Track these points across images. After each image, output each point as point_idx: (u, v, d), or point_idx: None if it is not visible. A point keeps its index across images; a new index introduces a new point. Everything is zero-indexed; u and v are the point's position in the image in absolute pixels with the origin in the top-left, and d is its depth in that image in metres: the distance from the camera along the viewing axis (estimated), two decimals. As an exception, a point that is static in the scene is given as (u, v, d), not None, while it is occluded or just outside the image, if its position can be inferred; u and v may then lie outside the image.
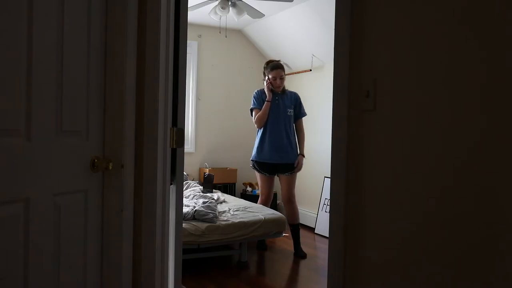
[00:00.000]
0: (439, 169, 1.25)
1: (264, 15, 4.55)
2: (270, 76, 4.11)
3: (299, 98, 4.24)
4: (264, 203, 4.25)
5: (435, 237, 1.26)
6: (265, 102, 4.09)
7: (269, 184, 4.22)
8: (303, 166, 4.21)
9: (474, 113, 1.17)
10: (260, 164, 4.14)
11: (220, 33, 5.29)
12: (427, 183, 1.28)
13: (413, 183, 1.32)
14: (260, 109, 4.11)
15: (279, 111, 4.09)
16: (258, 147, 4.15)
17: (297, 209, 4.17)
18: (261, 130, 4.15)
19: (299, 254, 4.06)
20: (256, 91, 4.27)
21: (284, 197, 4.17)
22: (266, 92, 4.12)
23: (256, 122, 4.15)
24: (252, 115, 4.23)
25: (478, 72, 1.16)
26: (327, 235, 1.70)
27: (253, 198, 5.30)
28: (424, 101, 1.29)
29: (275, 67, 4.14)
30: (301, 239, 4.31)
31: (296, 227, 4.13)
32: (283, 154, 4.06)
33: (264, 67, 4.24)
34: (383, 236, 1.42)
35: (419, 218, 1.30)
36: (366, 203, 1.48)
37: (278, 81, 4.09)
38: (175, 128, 1.94)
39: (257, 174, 4.23)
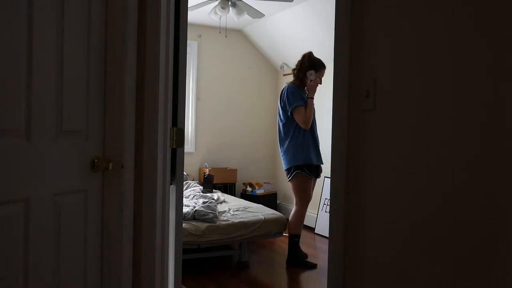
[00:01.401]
0: (439, 169, 1.25)
1: (264, 15, 4.55)
2: (319, 74, 3.78)
3: None
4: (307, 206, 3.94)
5: (436, 237, 1.26)
6: (309, 99, 3.72)
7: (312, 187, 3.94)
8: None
9: (474, 113, 1.17)
10: (310, 168, 3.77)
11: (220, 33, 5.28)
12: (427, 183, 1.28)
13: (413, 183, 1.32)
14: (305, 107, 3.70)
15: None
16: (306, 150, 3.74)
17: None
18: (304, 131, 3.74)
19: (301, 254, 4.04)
20: (291, 85, 3.82)
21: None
22: (311, 90, 3.76)
23: (306, 122, 3.69)
24: (296, 113, 3.70)
25: (478, 72, 1.16)
26: (327, 235, 1.70)
27: (253, 198, 5.30)
28: (424, 101, 1.29)
29: (324, 66, 3.85)
30: (302, 239, 4.31)
31: None
32: (321, 155, 3.88)
33: (309, 63, 3.81)
34: (383, 236, 1.42)
35: (419, 218, 1.30)
36: (366, 203, 1.47)
37: (321, 80, 3.84)
38: (175, 128, 1.94)
39: (305, 180, 3.79)
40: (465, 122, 1.19)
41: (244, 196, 5.46)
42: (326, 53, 4.94)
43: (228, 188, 5.58)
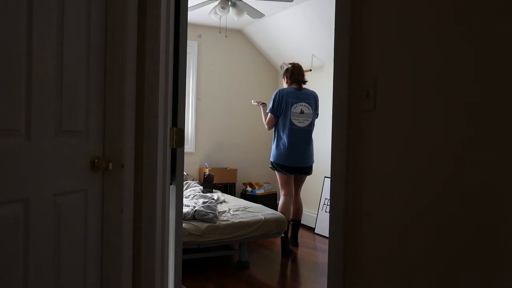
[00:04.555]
0: (440, 168, 1.25)
1: (264, 15, 4.55)
2: None
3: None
4: None
5: (435, 236, 1.26)
6: None
7: None
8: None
9: (473, 112, 1.17)
10: None
11: (220, 33, 5.28)
12: (427, 183, 1.28)
13: (413, 182, 1.32)
14: None
15: None
16: None
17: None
18: None
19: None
20: None
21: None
22: None
23: None
24: None
25: (477, 72, 1.16)
26: (327, 235, 1.70)
27: (253, 198, 5.30)
28: (424, 101, 1.29)
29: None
30: (301, 239, 4.36)
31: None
32: None
33: None
34: (383, 236, 1.42)
35: (419, 217, 1.30)
36: (366, 203, 1.48)
37: None
38: (175, 128, 1.94)
39: None
40: (465, 121, 1.19)
41: (244, 196, 5.45)
42: (326, 53, 4.96)
43: (228, 188, 5.58)
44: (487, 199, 1.14)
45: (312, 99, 4.29)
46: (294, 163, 4.18)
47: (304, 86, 4.31)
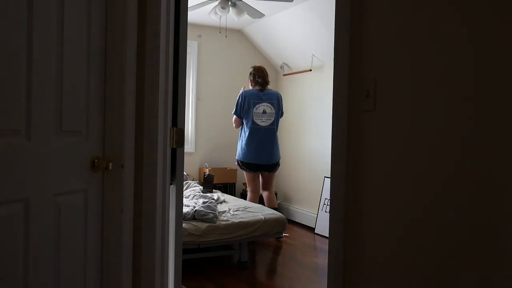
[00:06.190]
0: (439, 168, 1.25)
1: (264, 15, 4.55)
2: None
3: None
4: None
5: (435, 236, 1.26)
6: None
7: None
8: (304, 165, 4.61)
9: (473, 112, 1.17)
10: None
11: (220, 33, 5.28)
12: (427, 183, 1.28)
13: (413, 182, 1.32)
14: None
15: None
16: None
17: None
18: None
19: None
20: None
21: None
22: None
23: None
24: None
25: (477, 72, 1.16)
26: (327, 235, 1.70)
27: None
28: (424, 101, 1.29)
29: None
30: (301, 239, 4.39)
31: None
32: None
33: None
34: (383, 235, 1.42)
35: (419, 217, 1.30)
36: (366, 203, 1.48)
37: None
38: (175, 128, 1.94)
39: None
40: (464, 121, 1.19)
41: (244, 196, 5.45)
42: (326, 53, 4.95)
43: (228, 188, 5.58)
44: (487, 199, 1.14)
45: (275, 99, 4.54)
46: (259, 160, 4.44)
47: (268, 87, 4.56)
